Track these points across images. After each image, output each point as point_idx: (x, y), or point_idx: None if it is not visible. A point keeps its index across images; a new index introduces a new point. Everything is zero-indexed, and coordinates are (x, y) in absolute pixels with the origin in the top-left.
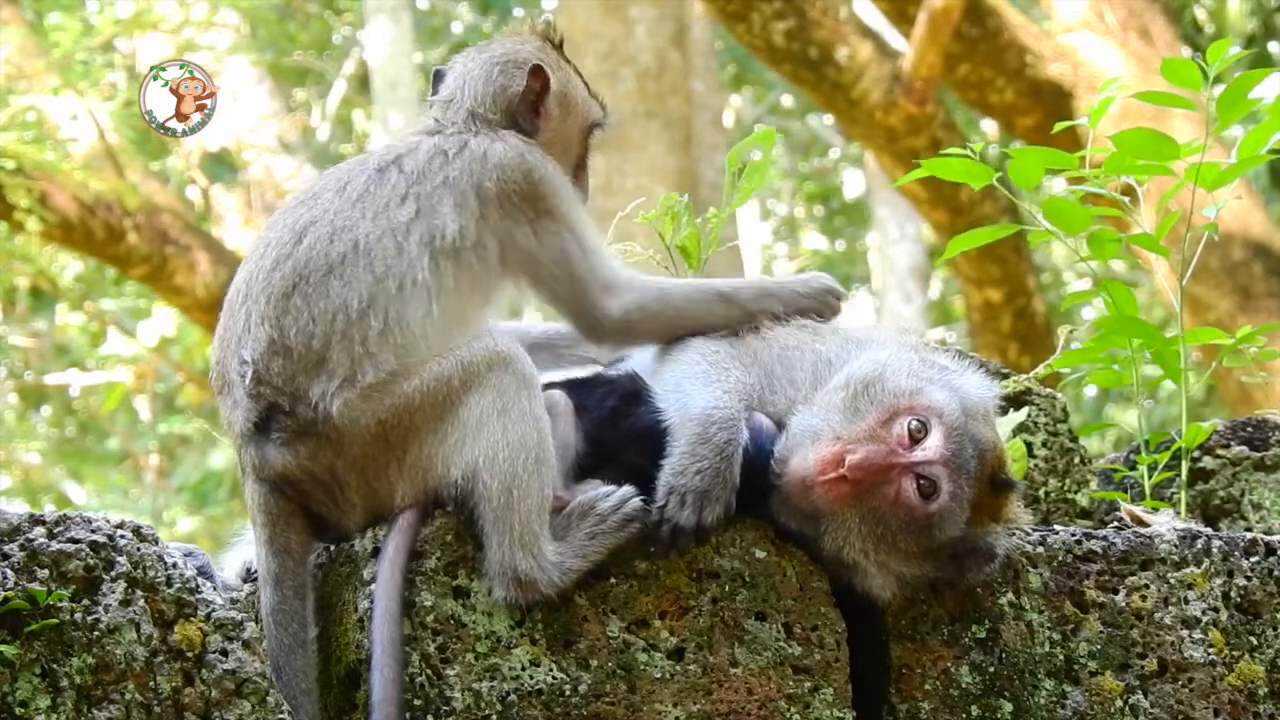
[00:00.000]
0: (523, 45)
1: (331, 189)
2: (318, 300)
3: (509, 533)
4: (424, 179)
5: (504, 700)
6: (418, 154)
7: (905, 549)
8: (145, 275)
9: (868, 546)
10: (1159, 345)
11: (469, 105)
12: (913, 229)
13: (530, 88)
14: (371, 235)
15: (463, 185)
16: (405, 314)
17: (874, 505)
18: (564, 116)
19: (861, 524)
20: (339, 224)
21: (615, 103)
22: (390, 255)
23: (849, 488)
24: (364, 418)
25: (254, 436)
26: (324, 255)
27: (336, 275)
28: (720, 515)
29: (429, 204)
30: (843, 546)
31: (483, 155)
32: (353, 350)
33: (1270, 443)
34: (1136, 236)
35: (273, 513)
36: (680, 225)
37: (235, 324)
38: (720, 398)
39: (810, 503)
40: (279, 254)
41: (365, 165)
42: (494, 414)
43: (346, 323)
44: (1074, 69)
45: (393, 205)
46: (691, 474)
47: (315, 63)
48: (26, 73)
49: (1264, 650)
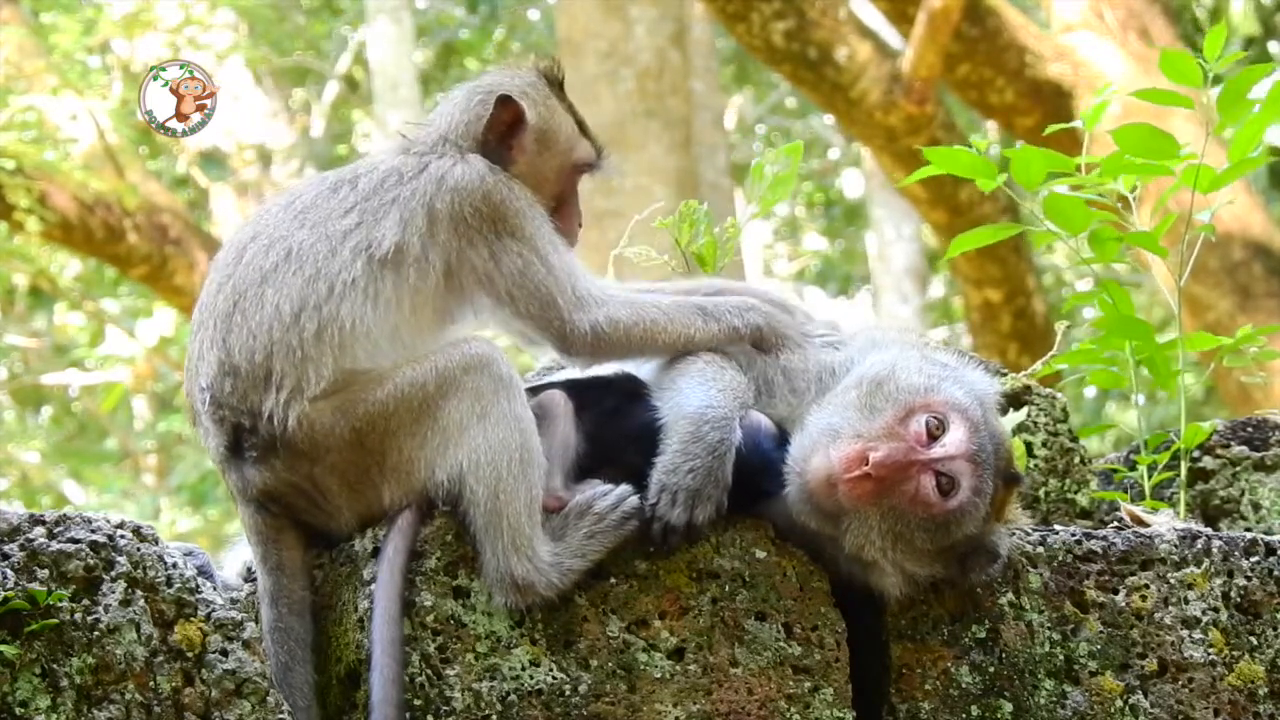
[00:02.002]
0: (511, 79)
1: (281, 205)
2: (254, 313)
3: (500, 538)
4: (374, 195)
5: (504, 700)
6: (374, 173)
7: (920, 547)
8: (145, 275)
9: (886, 544)
10: (1151, 350)
11: (442, 130)
12: (909, 229)
13: (498, 117)
14: (306, 242)
15: (413, 203)
16: (340, 314)
17: (894, 503)
18: (540, 151)
19: (881, 521)
20: (276, 235)
21: (615, 102)
22: (321, 257)
23: (873, 485)
24: (336, 426)
25: (230, 460)
26: (259, 268)
27: (269, 283)
28: (711, 514)
29: (372, 218)
30: (863, 545)
31: (440, 177)
32: (293, 357)
33: (1270, 443)
34: (1136, 236)
35: (262, 531)
36: (698, 233)
37: (193, 353)
38: (714, 396)
39: (834, 501)
40: (222, 275)
41: (322, 182)
42: (473, 418)
43: (282, 329)
44: (1074, 69)
45: (335, 216)
46: (684, 472)
47: (314, 63)
48: (26, 73)
49: (1264, 650)
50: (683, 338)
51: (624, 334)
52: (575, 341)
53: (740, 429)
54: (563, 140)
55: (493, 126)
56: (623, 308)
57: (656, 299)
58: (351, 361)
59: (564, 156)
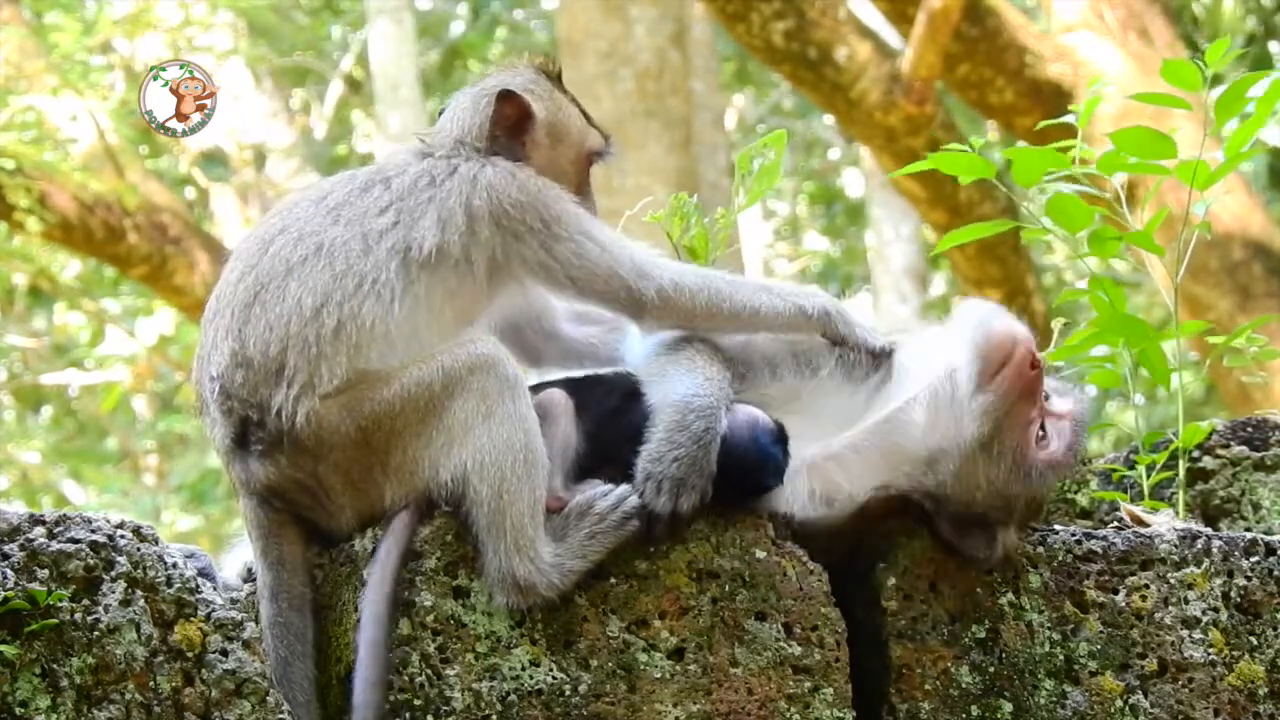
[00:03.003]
0: (513, 77)
1: (311, 200)
2: (274, 305)
3: (503, 538)
4: (409, 195)
5: (504, 700)
6: (406, 175)
7: (987, 476)
8: (145, 275)
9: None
10: (1146, 344)
11: (457, 134)
12: (908, 229)
13: (502, 113)
14: (339, 238)
15: (450, 203)
16: (362, 312)
17: (1016, 421)
18: (554, 144)
19: (996, 431)
20: (308, 230)
21: (615, 102)
22: (355, 255)
23: (1039, 372)
24: (343, 424)
25: (235, 452)
26: (286, 260)
27: (294, 276)
28: (696, 503)
29: (410, 217)
30: (988, 443)
31: (473, 178)
32: (308, 353)
33: (1270, 443)
34: (1133, 235)
35: (264, 525)
36: (689, 226)
37: (206, 342)
38: (701, 385)
39: (997, 367)
40: (245, 265)
41: (351, 181)
42: (478, 418)
43: (300, 323)
44: (1074, 69)
45: (371, 214)
46: (668, 461)
47: (314, 63)
48: (26, 73)
49: (1264, 650)
50: (748, 308)
51: (689, 298)
52: (646, 306)
53: (736, 420)
54: (574, 131)
55: (500, 123)
56: (685, 274)
57: (714, 270)
58: (365, 362)
59: (577, 147)
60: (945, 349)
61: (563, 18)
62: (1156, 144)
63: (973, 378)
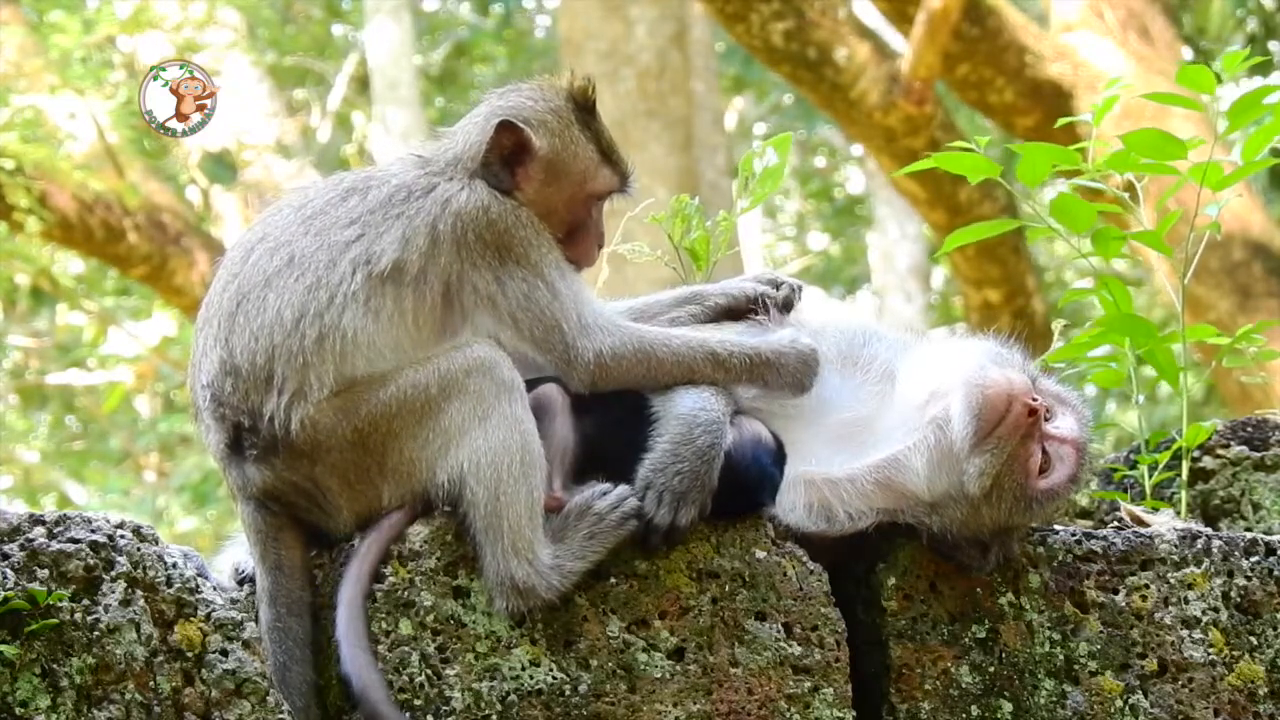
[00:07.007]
0: (532, 103)
1: (292, 206)
2: (256, 315)
3: (500, 540)
4: (379, 209)
5: (504, 700)
6: (385, 186)
7: (994, 506)
8: (145, 275)
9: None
10: (1152, 344)
11: (457, 150)
12: (913, 229)
13: (500, 141)
14: (308, 250)
15: (416, 222)
16: (342, 323)
17: (1019, 456)
18: (549, 181)
19: (1001, 466)
20: (282, 239)
21: (616, 102)
22: (321, 267)
23: (1036, 419)
24: (339, 426)
25: (231, 457)
26: (263, 271)
27: (272, 288)
28: (695, 517)
29: (375, 232)
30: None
31: (445, 200)
32: (295, 363)
33: (1270, 443)
34: (1140, 234)
35: (262, 530)
36: (690, 227)
37: (197, 349)
38: (707, 398)
39: (997, 418)
40: (229, 273)
41: (334, 187)
42: (474, 420)
43: (283, 334)
44: (1074, 69)
45: (338, 226)
46: (671, 473)
47: (315, 63)
48: (26, 72)
49: (1264, 650)
50: (685, 382)
51: (626, 368)
52: (578, 366)
53: (742, 437)
54: (575, 171)
55: (496, 150)
56: (630, 341)
57: (668, 337)
58: (352, 369)
59: (575, 188)
60: (943, 388)
61: (563, 18)
62: (1167, 145)
63: (968, 437)
